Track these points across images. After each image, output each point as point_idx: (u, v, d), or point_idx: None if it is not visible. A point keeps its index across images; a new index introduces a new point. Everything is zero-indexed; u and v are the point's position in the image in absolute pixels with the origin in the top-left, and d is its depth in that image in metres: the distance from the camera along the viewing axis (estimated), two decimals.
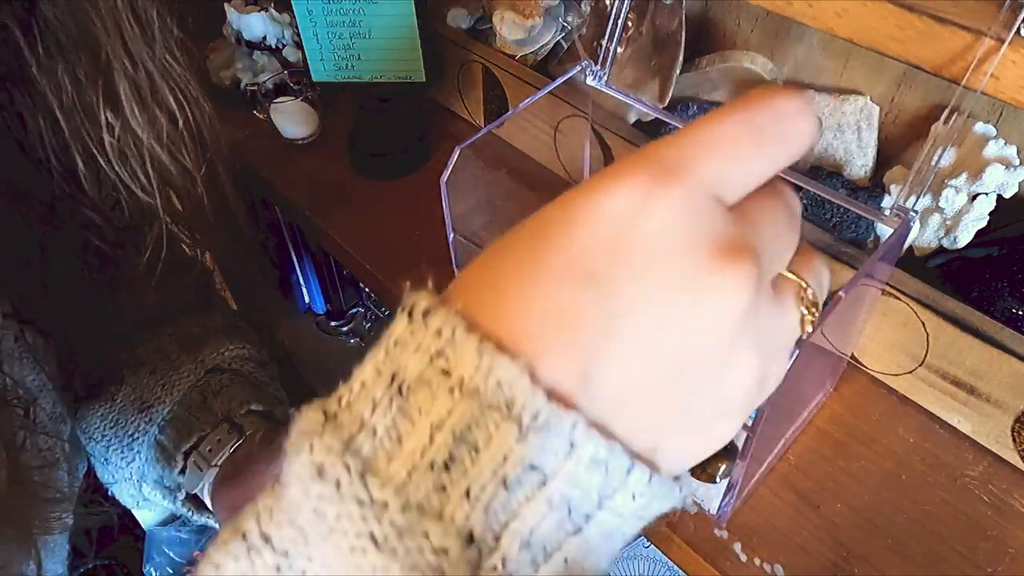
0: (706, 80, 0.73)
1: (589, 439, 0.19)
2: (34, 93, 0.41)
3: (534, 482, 0.20)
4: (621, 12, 0.60)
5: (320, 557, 0.20)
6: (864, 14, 0.49)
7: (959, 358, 0.56)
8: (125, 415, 0.52)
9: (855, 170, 0.66)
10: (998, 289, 0.56)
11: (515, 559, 0.20)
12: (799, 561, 0.53)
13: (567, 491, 0.20)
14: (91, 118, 0.43)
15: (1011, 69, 0.45)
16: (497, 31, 0.79)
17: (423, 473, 0.19)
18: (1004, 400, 0.55)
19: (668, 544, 0.57)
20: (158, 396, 0.53)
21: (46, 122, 0.42)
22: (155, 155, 0.46)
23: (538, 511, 0.20)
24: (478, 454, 0.19)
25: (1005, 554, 0.53)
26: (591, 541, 0.21)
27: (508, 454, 0.19)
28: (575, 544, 0.20)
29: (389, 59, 0.78)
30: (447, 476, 0.19)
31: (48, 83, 0.41)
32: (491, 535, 0.19)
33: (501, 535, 0.20)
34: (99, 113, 0.43)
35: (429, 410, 0.20)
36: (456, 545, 0.19)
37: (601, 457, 0.20)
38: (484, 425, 0.19)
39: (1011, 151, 0.57)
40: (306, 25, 0.75)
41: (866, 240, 0.64)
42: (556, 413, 0.19)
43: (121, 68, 0.42)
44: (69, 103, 0.42)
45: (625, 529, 0.22)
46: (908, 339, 0.58)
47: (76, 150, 0.43)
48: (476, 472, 0.19)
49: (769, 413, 0.45)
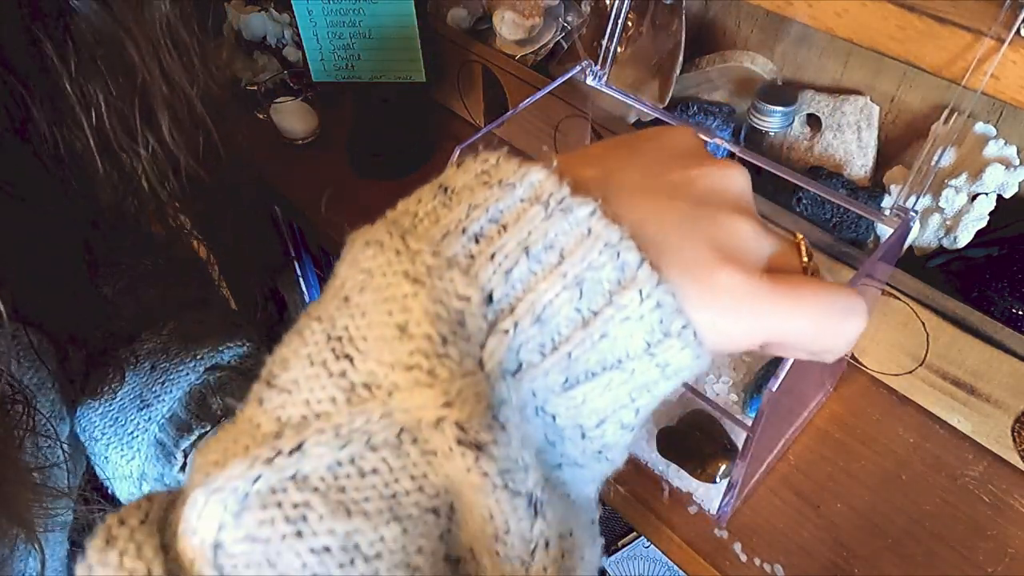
0: (706, 80, 0.73)
1: (604, 226, 0.22)
2: (63, 107, 0.41)
3: (552, 261, 0.22)
4: (621, 12, 0.60)
5: (359, 307, 0.22)
6: (864, 14, 0.49)
7: (959, 358, 0.56)
8: (125, 413, 0.52)
9: (855, 170, 0.66)
10: (998, 289, 0.56)
11: (526, 330, 0.22)
12: (799, 561, 0.53)
13: (581, 272, 0.22)
14: (127, 134, 0.44)
15: (1011, 69, 0.45)
16: (497, 31, 0.79)
17: (455, 236, 0.22)
18: (1004, 400, 0.55)
19: (668, 544, 0.57)
20: (157, 394, 0.53)
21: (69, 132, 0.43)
22: (190, 170, 0.48)
23: (552, 287, 0.22)
24: (506, 230, 0.22)
25: (1005, 554, 0.53)
26: (598, 348, 0.22)
27: (532, 230, 0.22)
28: (582, 341, 0.22)
29: (389, 59, 0.78)
30: (476, 246, 0.22)
31: (79, 99, 0.41)
32: (508, 301, 0.22)
33: (517, 304, 0.22)
34: (136, 132, 0.44)
35: (468, 197, 0.23)
36: (477, 296, 0.21)
37: (613, 242, 0.22)
38: (515, 209, 0.23)
39: (1011, 151, 0.57)
40: (306, 25, 0.75)
41: (866, 240, 0.64)
42: (577, 201, 0.22)
43: (158, 91, 0.43)
44: (99, 119, 0.42)
45: (631, 362, 0.23)
46: (908, 339, 0.58)
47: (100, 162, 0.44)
48: (502, 242, 0.22)
49: (769, 413, 0.44)
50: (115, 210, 0.48)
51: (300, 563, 0.20)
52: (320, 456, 0.20)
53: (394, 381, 0.21)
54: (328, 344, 0.22)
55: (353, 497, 0.20)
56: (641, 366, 0.23)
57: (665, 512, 0.57)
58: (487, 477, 0.20)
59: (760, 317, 0.24)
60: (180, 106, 0.45)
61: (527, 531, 0.21)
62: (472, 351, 0.21)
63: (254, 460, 0.20)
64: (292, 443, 0.20)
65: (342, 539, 0.20)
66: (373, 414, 0.20)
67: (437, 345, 0.21)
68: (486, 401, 0.21)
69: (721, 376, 0.63)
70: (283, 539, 0.20)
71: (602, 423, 0.23)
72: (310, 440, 0.20)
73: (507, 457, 0.21)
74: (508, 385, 0.22)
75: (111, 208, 0.48)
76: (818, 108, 0.66)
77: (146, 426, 0.52)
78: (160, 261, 0.57)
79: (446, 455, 0.20)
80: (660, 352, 0.23)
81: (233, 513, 0.20)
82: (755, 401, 0.60)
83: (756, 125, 0.63)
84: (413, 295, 0.21)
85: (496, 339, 0.21)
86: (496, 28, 0.79)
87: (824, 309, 0.25)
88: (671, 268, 0.23)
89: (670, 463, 0.57)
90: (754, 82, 0.70)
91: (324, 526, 0.20)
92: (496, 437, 0.21)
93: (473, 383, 0.21)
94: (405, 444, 0.20)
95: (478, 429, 0.20)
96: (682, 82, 0.72)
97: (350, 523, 0.20)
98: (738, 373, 0.63)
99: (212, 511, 0.20)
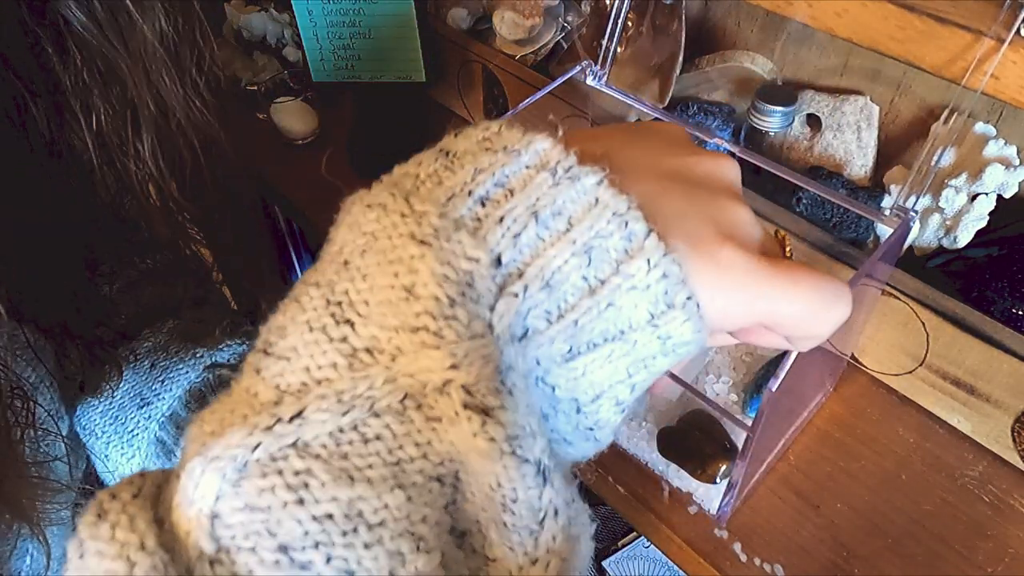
0: (706, 80, 0.73)
1: (612, 196, 0.22)
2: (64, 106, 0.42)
3: (560, 227, 0.22)
4: (621, 12, 0.60)
5: (360, 271, 0.22)
6: (864, 14, 0.49)
7: (959, 358, 0.56)
8: (125, 411, 0.52)
9: (855, 170, 0.66)
10: (998, 289, 0.56)
11: (535, 295, 0.21)
12: (799, 561, 0.53)
13: (589, 240, 0.22)
14: (121, 143, 0.44)
15: (1011, 69, 0.45)
16: (497, 31, 0.79)
17: (462, 199, 0.22)
18: (1004, 400, 0.55)
19: (668, 544, 0.57)
20: (157, 392, 0.53)
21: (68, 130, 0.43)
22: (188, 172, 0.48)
23: (561, 253, 0.22)
24: (513, 195, 0.22)
25: (1005, 554, 0.53)
26: (603, 317, 0.22)
27: (540, 196, 0.22)
28: (588, 309, 0.22)
29: (389, 59, 0.78)
30: (483, 209, 0.22)
31: (80, 105, 0.42)
32: (517, 265, 0.22)
33: (526, 269, 0.22)
34: (128, 144, 0.44)
35: (472, 162, 0.23)
36: (486, 259, 0.21)
37: (621, 211, 0.22)
38: (521, 175, 0.22)
39: (1011, 151, 0.57)
40: (306, 25, 0.75)
41: (866, 240, 0.64)
42: (585, 170, 0.22)
43: (145, 108, 0.43)
44: (98, 122, 0.42)
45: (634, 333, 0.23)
46: (908, 339, 0.58)
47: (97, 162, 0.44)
48: (510, 205, 0.22)
49: (769, 413, 0.44)
50: (113, 209, 0.48)
51: (302, 531, 0.19)
52: (322, 423, 0.20)
53: (398, 345, 0.20)
54: (327, 309, 0.21)
55: (356, 464, 0.20)
56: (643, 337, 0.23)
57: (665, 512, 0.57)
58: (494, 442, 0.20)
59: (757, 297, 0.24)
60: (166, 126, 0.45)
61: (536, 499, 0.21)
62: (481, 313, 0.21)
63: (253, 428, 0.20)
64: (292, 410, 0.20)
65: (345, 506, 0.19)
66: (376, 379, 0.20)
67: (445, 306, 0.20)
68: (494, 364, 0.20)
69: (721, 376, 0.63)
70: (284, 507, 0.19)
71: (598, 398, 0.23)
72: (311, 407, 0.20)
73: (514, 423, 0.20)
74: (515, 351, 0.21)
75: (109, 207, 0.48)
76: (818, 108, 0.66)
77: (146, 424, 0.52)
78: (160, 260, 0.57)
79: (451, 420, 0.20)
80: (663, 324, 0.23)
81: (232, 482, 0.19)
82: (755, 401, 0.60)
83: (756, 125, 0.63)
84: (420, 256, 0.21)
85: (506, 302, 0.21)
86: (496, 28, 0.79)
87: (817, 294, 0.25)
88: (676, 241, 0.23)
89: (670, 463, 0.57)
90: (754, 82, 0.70)
91: (326, 493, 0.19)
92: (504, 402, 0.20)
93: (481, 345, 0.20)
94: (409, 410, 0.20)
95: (485, 393, 0.20)
96: (682, 82, 0.72)
97: (353, 490, 0.20)
98: (738, 373, 0.63)
99: (210, 480, 0.19)
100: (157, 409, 0.53)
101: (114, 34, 0.40)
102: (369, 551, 0.19)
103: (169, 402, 0.53)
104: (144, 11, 0.40)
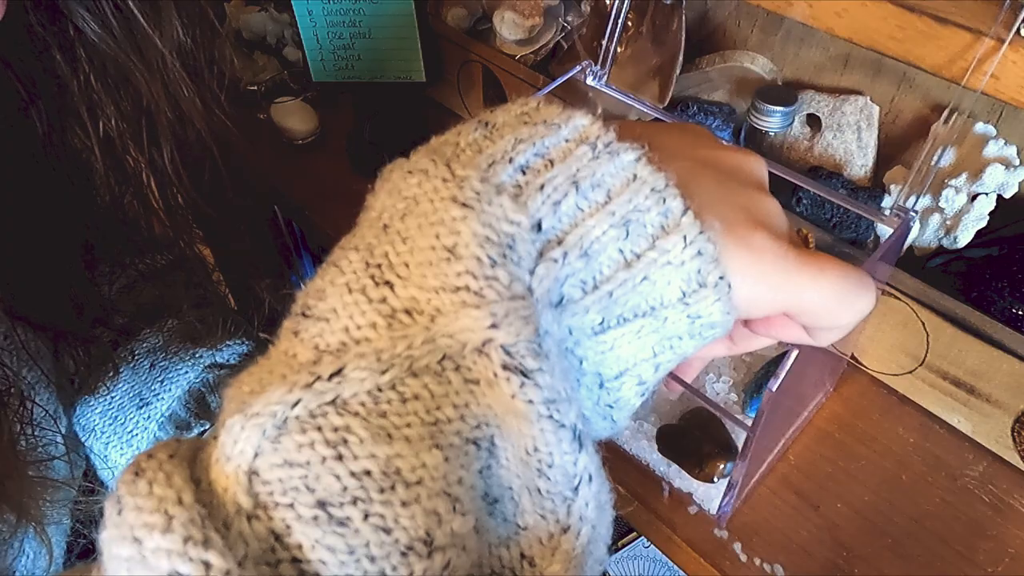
0: (706, 80, 0.73)
1: (651, 172, 0.23)
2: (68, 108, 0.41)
3: (599, 199, 0.22)
4: (621, 12, 0.60)
5: (400, 234, 0.22)
6: (864, 14, 0.49)
7: (959, 358, 0.56)
8: (124, 411, 0.52)
9: (855, 170, 0.66)
10: (998, 289, 0.56)
11: (573, 263, 0.22)
12: (799, 561, 0.53)
13: (627, 213, 0.22)
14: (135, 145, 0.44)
15: (1011, 69, 0.45)
16: (497, 31, 0.79)
17: (503, 165, 0.22)
18: (1004, 400, 0.55)
19: (668, 544, 0.57)
20: (157, 393, 0.53)
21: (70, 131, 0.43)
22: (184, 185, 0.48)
23: (600, 224, 0.22)
24: (554, 165, 0.22)
25: (1005, 554, 0.53)
26: (637, 291, 0.22)
27: (580, 168, 0.22)
28: (624, 282, 0.22)
29: (389, 59, 0.78)
30: (523, 177, 0.22)
31: (88, 110, 0.41)
32: (556, 232, 0.22)
33: (565, 237, 0.22)
34: (144, 148, 0.44)
35: (511, 132, 0.23)
36: (527, 223, 0.21)
37: (659, 188, 0.22)
38: (561, 146, 0.23)
39: (1011, 151, 0.57)
40: (306, 25, 0.75)
41: (866, 240, 0.64)
42: (624, 145, 0.23)
43: (163, 117, 0.43)
44: (107, 127, 0.42)
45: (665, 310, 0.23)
46: (908, 339, 0.58)
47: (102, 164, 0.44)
48: (551, 174, 0.22)
49: (769, 413, 0.44)
50: (113, 210, 0.48)
51: (340, 486, 0.19)
52: (361, 381, 0.20)
53: (437, 306, 0.20)
54: (367, 271, 0.21)
55: (394, 423, 0.20)
56: (674, 315, 0.23)
57: (665, 512, 0.57)
58: (532, 405, 0.20)
59: (786, 284, 0.24)
60: (184, 133, 0.45)
61: (572, 464, 0.21)
62: (521, 276, 0.21)
63: (293, 385, 0.20)
64: (332, 368, 0.20)
65: (383, 463, 0.19)
66: (415, 339, 0.20)
67: (486, 267, 0.20)
68: (533, 326, 0.20)
69: (721, 376, 0.63)
70: (323, 462, 0.19)
71: (622, 375, 0.23)
72: (350, 364, 0.20)
73: (552, 386, 0.20)
74: (552, 317, 0.21)
75: (109, 208, 0.48)
76: (818, 108, 0.66)
77: (146, 424, 0.52)
78: (160, 260, 0.57)
79: (489, 383, 0.20)
80: (694, 302, 0.23)
81: (271, 438, 0.19)
82: (755, 401, 0.60)
83: (756, 125, 0.63)
84: (462, 218, 0.21)
85: (545, 267, 0.21)
86: (496, 28, 0.79)
87: (844, 283, 0.26)
88: (710, 222, 0.23)
89: (670, 463, 0.57)
90: (754, 82, 0.70)
91: (365, 450, 0.19)
92: (542, 364, 0.20)
93: (522, 307, 0.20)
94: (447, 371, 0.20)
95: (524, 354, 0.20)
96: (682, 82, 0.72)
97: (391, 448, 0.20)
98: (738, 373, 0.63)
99: (249, 436, 0.19)
100: (156, 409, 0.53)
101: (130, 45, 0.40)
102: (407, 509, 0.19)
103: (168, 402, 0.53)
104: (161, 24, 0.40)
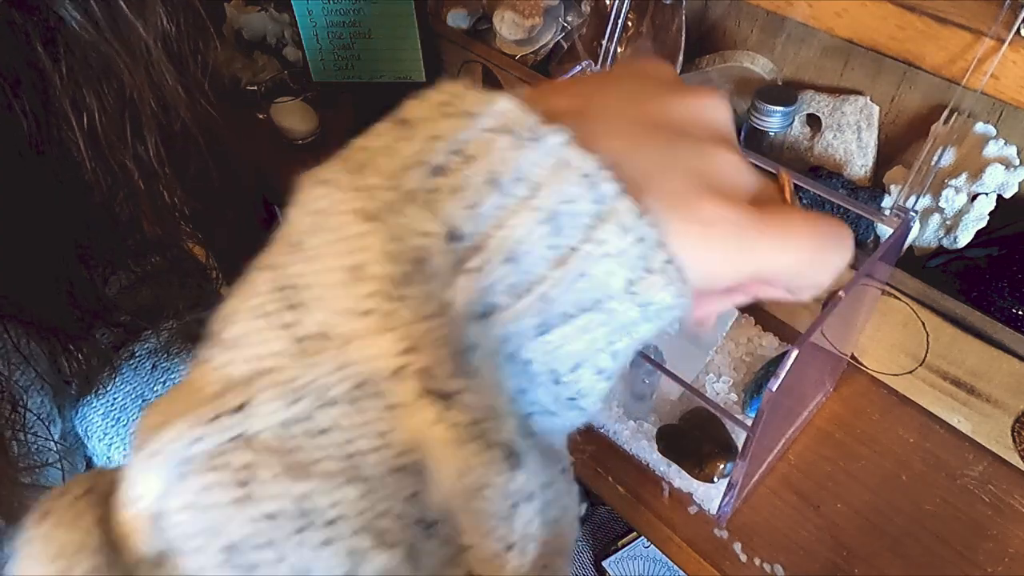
0: (706, 80, 0.73)
1: (579, 156, 0.20)
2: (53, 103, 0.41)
3: (523, 194, 0.20)
4: (621, 12, 0.60)
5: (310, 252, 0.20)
6: (864, 14, 0.49)
7: (959, 358, 0.56)
8: (126, 413, 0.52)
9: (855, 170, 0.66)
10: (998, 289, 0.56)
11: (497, 269, 0.20)
12: (799, 561, 0.53)
13: (555, 206, 0.20)
14: (119, 141, 0.43)
15: (1011, 69, 0.45)
16: (497, 31, 0.79)
17: (415, 169, 0.20)
18: (1004, 400, 0.55)
19: (668, 544, 0.57)
20: (159, 393, 0.53)
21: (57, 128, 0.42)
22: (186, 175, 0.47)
23: (525, 222, 0.20)
24: (471, 161, 0.20)
25: (1005, 554, 0.53)
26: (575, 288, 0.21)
27: (501, 161, 0.20)
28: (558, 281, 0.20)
29: (389, 59, 0.78)
30: (437, 180, 0.20)
31: (70, 103, 0.41)
32: (476, 238, 0.20)
33: (486, 242, 0.20)
34: (128, 143, 0.43)
35: (428, 129, 0.21)
36: (441, 232, 0.20)
37: (589, 172, 0.20)
38: (480, 139, 0.20)
39: (1011, 151, 0.57)
40: (306, 25, 0.75)
41: (866, 240, 0.64)
42: (549, 129, 0.20)
43: (147, 108, 0.42)
44: (91, 122, 0.42)
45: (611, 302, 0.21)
46: (908, 339, 0.58)
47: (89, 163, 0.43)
48: (468, 173, 0.20)
49: (769, 413, 0.45)
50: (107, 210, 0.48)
51: (250, 530, 0.18)
52: (268, 414, 0.19)
53: (348, 330, 0.19)
54: (277, 294, 0.20)
55: (308, 458, 0.18)
56: (621, 306, 0.21)
57: (665, 512, 0.57)
58: (456, 428, 0.19)
59: (747, 251, 0.23)
60: (169, 125, 0.44)
61: (504, 485, 0.20)
62: (436, 292, 0.19)
63: (195, 421, 0.18)
64: (237, 401, 0.19)
65: (297, 502, 0.18)
66: (327, 367, 0.19)
67: (396, 286, 0.19)
68: (453, 346, 0.19)
69: (721, 376, 0.63)
70: (229, 505, 0.18)
71: (577, 367, 0.22)
72: (257, 397, 0.19)
73: (478, 406, 0.19)
74: (478, 329, 0.20)
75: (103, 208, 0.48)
76: (818, 108, 0.66)
77: None
78: (160, 261, 0.56)
79: (410, 408, 0.19)
80: (642, 290, 0.21)
81: (173, 479, 0.18)
82: (755, 401, 0.60)
83: (756, 125, 0.63)
84: (369, 233, 0.19)
85: (465, 278, 0.20)
86: (496, 28, 0.79)
87: (813, 242, 0.24)
88: (652, 200, 0.21)
89: (670, 463, 0.57)
90: (754, 82, 0.70)
91: (275, 489, 0.18)
92: (466, 385, 0.19)
93: (438, 326, 0.19)
94: (363, 399, 0.19)
95: (444, 377, 0.19)
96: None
97: (305, 485, 0.18)
98: (738, 373, 0.63)
99: (148, 478, 0.18)
100: None
101: (113, 34, 0.39)
102: (325, 549, 0.18)
103: None
104: (144, 12, 0.40)
